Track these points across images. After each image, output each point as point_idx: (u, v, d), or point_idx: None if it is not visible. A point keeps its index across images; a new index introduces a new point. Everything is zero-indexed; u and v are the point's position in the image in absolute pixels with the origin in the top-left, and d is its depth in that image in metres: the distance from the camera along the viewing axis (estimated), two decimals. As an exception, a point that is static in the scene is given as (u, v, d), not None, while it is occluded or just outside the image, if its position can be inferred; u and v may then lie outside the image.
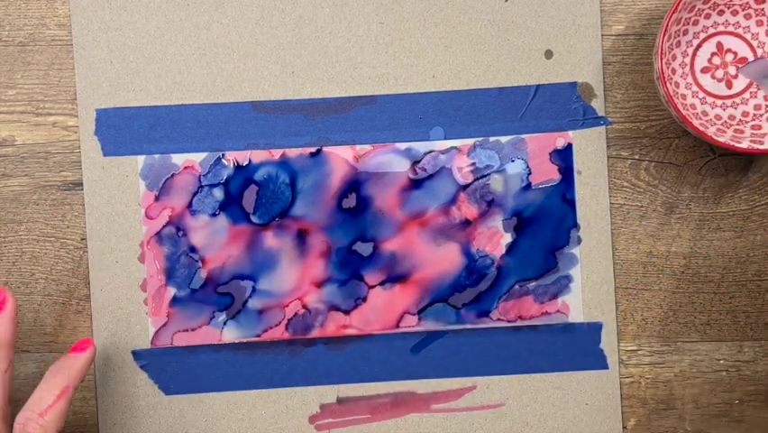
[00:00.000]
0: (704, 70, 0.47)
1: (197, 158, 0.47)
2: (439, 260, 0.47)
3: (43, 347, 0.47)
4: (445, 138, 0.47)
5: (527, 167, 0.47)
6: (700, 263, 0.48)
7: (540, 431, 0.47)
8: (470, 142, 0.47)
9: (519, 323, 0.47)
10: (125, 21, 0.47)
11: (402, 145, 0.47)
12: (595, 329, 0.47)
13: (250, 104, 0.47)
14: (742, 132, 0.45)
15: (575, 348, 0.47)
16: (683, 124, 0.44)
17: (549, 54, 0.47)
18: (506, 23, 0.47)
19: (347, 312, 0.47)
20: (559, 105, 0.47)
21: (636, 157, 0.47)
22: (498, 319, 0.47)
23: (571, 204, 0.47)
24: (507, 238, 0.47)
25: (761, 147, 0.44)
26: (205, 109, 0.47)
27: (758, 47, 0.46)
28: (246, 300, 0.47)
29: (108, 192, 0.47)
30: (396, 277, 0.47)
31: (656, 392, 0.48)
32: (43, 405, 0.41)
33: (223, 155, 0.47)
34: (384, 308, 0.47)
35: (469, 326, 0.47)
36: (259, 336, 0.47)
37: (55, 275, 0.47)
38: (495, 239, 0.47)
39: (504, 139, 0.47)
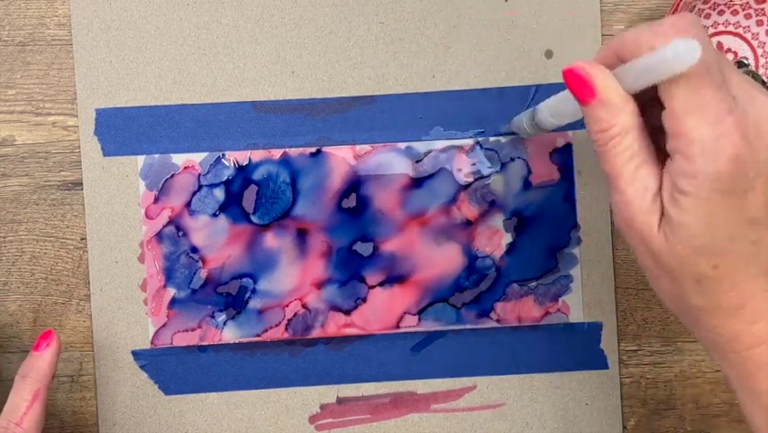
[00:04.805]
0: (704, 70, 0.46)
1: (197, 158, 0.47)
2: (439, 260, 0.47)
3: (43, 347, 0.47)
4: (445, 138, 0.47)
5: (527, 167, 0.47)
6: (700, 263, 0.47)
7: (540, 431, 0.47)
8: (471, 141, 0.47)
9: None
10: (125, 21, 0.47)
11: (402, 145, 0.47)
12: (595, 329, 0.47)
13: (250, 104, 0.47)
14: (742, 132, 0.45)
15: (575, 348, 0.47)
16: (683, 124, 0.44)
17: (549, 54, 0.47)
18: (506, 22, 0.47)
19: (347, 312, 0.47)
20: (559, 105, 0.47)
21: (636, 157, 0.47)
22: (498, 320, 0.47)
23: (572, 204, 0.47)
24: (508, 238, 0.47)
25: (761, 147, 0.44)
26: (205, 109, 0.47)
27: (758, 47, 0.46)
28: (246, 300, 0.47)
29: (108, 192, 0.47)
30: (396, 277, 0.47)
31: (656, 392, 0.48)
32: (19, 413, 0.41)
33: (223, 155, 0.47)
34: (384, 308, 0.47)
35: (469, 326, 0.47)
36: (259, 336, 0.47)
37: (55, 275, 0.47)
38: (495, 239, 0.47)
39: (504, 139, 0.47)
